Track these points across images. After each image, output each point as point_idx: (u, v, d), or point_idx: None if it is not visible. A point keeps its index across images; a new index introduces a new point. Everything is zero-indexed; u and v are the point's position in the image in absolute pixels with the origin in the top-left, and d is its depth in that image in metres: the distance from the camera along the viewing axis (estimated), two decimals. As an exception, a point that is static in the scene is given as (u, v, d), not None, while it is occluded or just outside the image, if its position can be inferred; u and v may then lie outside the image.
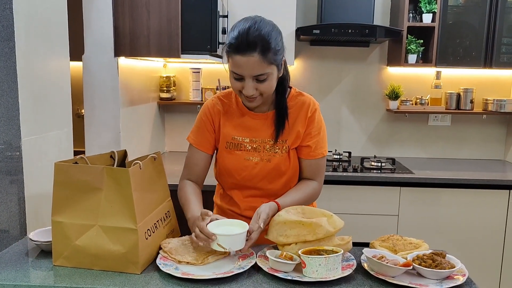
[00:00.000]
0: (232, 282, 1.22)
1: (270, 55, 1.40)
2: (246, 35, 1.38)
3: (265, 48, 1.38)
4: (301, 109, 1.58)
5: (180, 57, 2.50)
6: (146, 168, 1.36)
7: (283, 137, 1.56)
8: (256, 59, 1.38)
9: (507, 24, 3.09)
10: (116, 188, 1.27)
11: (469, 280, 1.25)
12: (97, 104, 2.53)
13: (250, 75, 1.42)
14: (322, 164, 1.63)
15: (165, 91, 3.39)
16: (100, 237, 1.28)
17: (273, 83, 1.47)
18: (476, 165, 3.36)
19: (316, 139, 1.58)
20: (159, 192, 1.45)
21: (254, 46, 1.37)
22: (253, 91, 1.44)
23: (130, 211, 1.26)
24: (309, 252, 1.26)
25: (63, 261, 1.31)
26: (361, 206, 2.95)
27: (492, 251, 2.96)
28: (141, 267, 1.28)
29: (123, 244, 1.26)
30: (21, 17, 1.56)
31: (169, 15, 2.46)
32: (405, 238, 1.44)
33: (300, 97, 1.60)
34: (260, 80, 1.43)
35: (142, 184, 1.32)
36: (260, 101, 1.51)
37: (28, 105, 1.61)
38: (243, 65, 1.40)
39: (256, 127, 1.58)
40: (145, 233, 1.30)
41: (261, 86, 1.44)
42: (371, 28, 3.01)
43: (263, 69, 1.41)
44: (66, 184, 1.30)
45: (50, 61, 1.79)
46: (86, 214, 1.29)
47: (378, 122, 3.58)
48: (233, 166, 1.59)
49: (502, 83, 3.48)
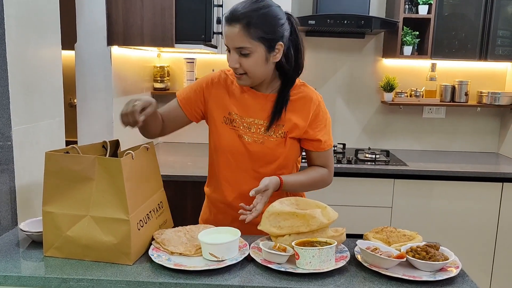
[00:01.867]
0: (225, 273, 1.22)
1: (254, 30, 1.43)
2: (237, 7, 1.45)
3: (250, 23, 1.42)
4: (303, 101, 1.59)
5: (174, 46, 2.48)
6: (138, 158, 1.35)
7: (280, 121, 1.56)
8: (238, 30, 1.43)
9: (503, 16, 3.08)
10: (107, 178, 1.25)
11: (462, 272, 1.26)
12: (90, 93, 2.50)
13: (233, 46, 1.46)
14: (331, 154, 1.66)
15: (159, 81, 3.36)
16: (91, 228, 1.26)
17: (258, 62, 1.47)
18: (470, 157, 3.37)
19: (323, 132, 1.61)
20: (151, 183, 1.44)
21: (240, 18, 1.42)
22: (236, 64, 1.47)
23: (122, 201, 1.25)
24: (303, 244, 1.25)
25: (54, 251, 1.29)
26: (355, 198, 2.96)
27: (484, 243, 2.98)
28: (133, 258, 1.27)
29: (114, 235, 1.25)
30: (11, 4, 1.53)
31: (163, 4, 2.43)
32: (399, 230, 1.44)
33: (303, 88, 1.61)
34: (243, 54, 1.45)
35: (134, 174, 1.31)
36: (248, 82, 1.52)
37: (19, 94, 1.59)
38: (228, 35, 1.45)
39: (254, 107, 1.58)
40: (137, 224, 1.29)
41: (244, 62, 1.46)
42: (367, 19, 3.00)
43: (244, 42, 1.43)
44: (57, 174, 1.28)
45: (42, 49, 1.76)
46: (77, 204, 1.28)
47: (373, 114, 3.57)
48: (227, 142, 1.58)
49: (497, 76, 3.48)
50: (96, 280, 1.18)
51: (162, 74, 3.36)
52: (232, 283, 1.17)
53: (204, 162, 1.68)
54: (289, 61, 1.56)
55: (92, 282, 1.18)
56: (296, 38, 1.57)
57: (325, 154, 1.63)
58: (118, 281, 1.18)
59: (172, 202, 1.54)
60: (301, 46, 1.59)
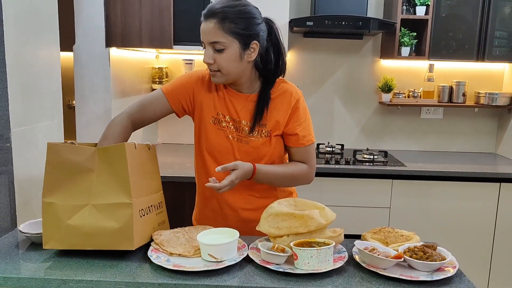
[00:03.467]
0: (224, 274, 1.22)
1: (228, 25, 1.45)
2: (215, 4, 1.47)
3: (225, 17, 1.45)
4: (283, 97, 1.60)
5: (172, 48, 2.49)
6: (140, 152, 1.36)
7: (262, 121, 1.58)
8: (212, 24, 1.45)
9: (500, 17, 3.09)
10: (108, 169, 1.27)
11: (459, 272, 1.26)
12: (88, 95, 2.50)
13: (207, 40, 1.48)
14: (311, 150, 1.65)
15: (157, 82, 3.36)
16: (93, 216, 1.27)
17: (232, 58, 1.49)
18: (468, 158, 3.38)
19: (302, 127, 1.60)
20: (153, 181, 1.45)
21: (215, 13, 1.45)
22: (210, 60, 1.49)
23: (125, 186, 1.26)
24: (301, 244, 1.26)
25: (54, 243, 1.29)
26: (353, 199, 2.96)
27: (482, 244, 2.99)
28: (136, 244, 1.27)
29: (117, 219, 1.25)
30: (10, 5, 1.54)
31: (161, 5, 2.43)
32: (397, 230, 1.44)
33: (283, 84, 1.62)
34: (217, 50, 1.47)
35: (136, 163, 1.32)
36: (222, 79, 1.53)
37: (17, 96, 1.59)
38: (203, 30, 1.48)
39: (237, 107, 1.59)
40: (140, 211, 1.29)
41: (218, 58, 1.48)
42: (365, 20, 3.00)
43: (218, 36, 1.46)
44: (57, 164, 1.29)
45: (40, 51, 1.77)
46: (77, 195, 1.28)
47: (371, 115, 3.58)
48: (215, 141, 1.59)
49: (494, 77, 3.49)
50: (95, 282, 1.18)
51: (160, 76, 3.36)
52: (231, 283, 1.18)
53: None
54: (269, 62, 1.57)
55: (92, 283, 1.18)
56: (276, 40, 1.58)
57: (304, 149, 1.63)
58: (117, 282, 1.18)
59: (170, 203, 1.54)
60: (282, 49, 1.60)
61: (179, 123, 3.58)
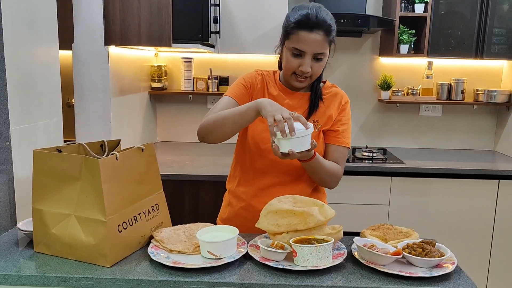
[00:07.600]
0: (223, 271, 1.23)
1: (331, 37, 1.51)
2: (316, 13, 1.49)
3: (329, 29, 1.50)
4: (335, 97, 1.67)
5: (171, 46, 2.48)
6: (128, 159, 1.32)
7: (316, 116, 1.62)
8: (321, 37, 1.48)
9: (498, 14, 3.09)
10: (90, 179, 1.24)
11: (458, 268, 1.27)
12: (87, 93, 2.50)
13: (312, 52, 1.50)
14: (345, 153, 1.68)
15: (156, 80, 3.36)
16: (74, 227, 1.26)
17: (324, 64, 1.57)
18: (466, 155, 3.38)
19: (344, 127, 1.66)
20: (147, 184, 1.41)
21: (322, 24, 1.48)
22: (309, 68, 1.52)
23: (100, 203, 1.23)
24: (300, 241, 1.26)
25: (42, 248, 1.31)
26: (353, 196, 2.97)
27: (481, 240, 3.00)
28: (111, 261, 1.24)
29: (93, 235, 1.24)
30: (9, 4, 1.54)
31: (160, 4, 2.43)
32: (396, 227, 1.45)
33: (334, 88, 1.70)
34: (317, 59, 1.52)
35: (118, 175, 1.28)
36: (307, 83, 1.59)
37: (17, 94, 1.59)
38: (309, 41, 1.48)
39: (290, 105, 1.63)
40: (118, 226, 1.27)
41: (315, 66, 1.53)
42: (364, 17, 3.01)
43: (324, 48, 1.51)
44: (44, 172, 1.29)
45: (39, 49, 1.76)
46: (63, 203, 1.28)
47: (370, 112, 3.59)
48: (262, 134, 1.60)
49: (493, 74, 3.50)
50: (95, 279, 1.18)
51: (159, 74, 3.36)
52: (230, 280, 1.18)
53: (202, 162, 1.69)
54: None
55: (92, 280, 1.18)
56: None
57: (341, 149, 1.65)
58: (117, 280, 1.18)
59: (170, 201, 1.54)
60: None
61: (178, 121, 3.59)
